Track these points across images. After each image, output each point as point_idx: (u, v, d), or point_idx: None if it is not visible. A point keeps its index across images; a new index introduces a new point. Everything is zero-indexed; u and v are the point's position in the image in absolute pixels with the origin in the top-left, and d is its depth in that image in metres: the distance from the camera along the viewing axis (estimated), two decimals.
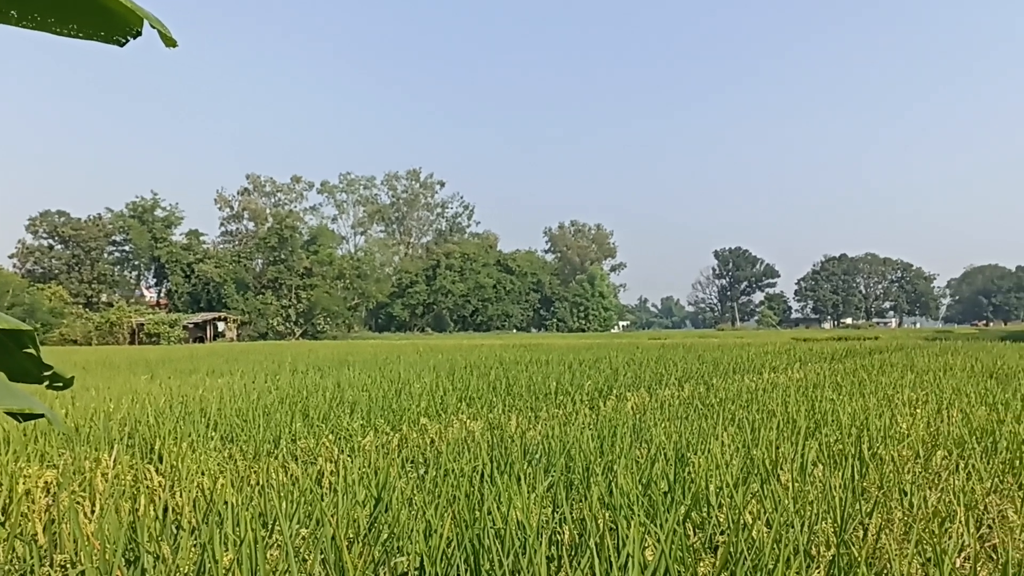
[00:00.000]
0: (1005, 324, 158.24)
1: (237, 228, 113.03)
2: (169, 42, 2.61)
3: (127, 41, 2.60)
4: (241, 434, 6.81)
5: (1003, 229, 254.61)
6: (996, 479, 4.60)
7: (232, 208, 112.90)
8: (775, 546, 3.00)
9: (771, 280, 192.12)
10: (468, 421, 7.69)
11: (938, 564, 2.85)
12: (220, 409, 8.39)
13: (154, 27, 2.55)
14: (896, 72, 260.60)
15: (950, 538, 3.41)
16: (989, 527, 3.71)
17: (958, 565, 3.02)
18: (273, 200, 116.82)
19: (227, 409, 8.42)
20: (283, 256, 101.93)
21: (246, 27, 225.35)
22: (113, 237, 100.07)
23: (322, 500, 4.25)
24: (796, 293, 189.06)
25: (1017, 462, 5.06)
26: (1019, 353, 20.43)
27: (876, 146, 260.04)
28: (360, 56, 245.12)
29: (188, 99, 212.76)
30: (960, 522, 3.62)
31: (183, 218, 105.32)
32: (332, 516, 3.75)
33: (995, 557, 3.11)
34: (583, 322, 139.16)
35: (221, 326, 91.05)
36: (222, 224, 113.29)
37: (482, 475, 4.63)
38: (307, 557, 3.25)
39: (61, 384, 2.02)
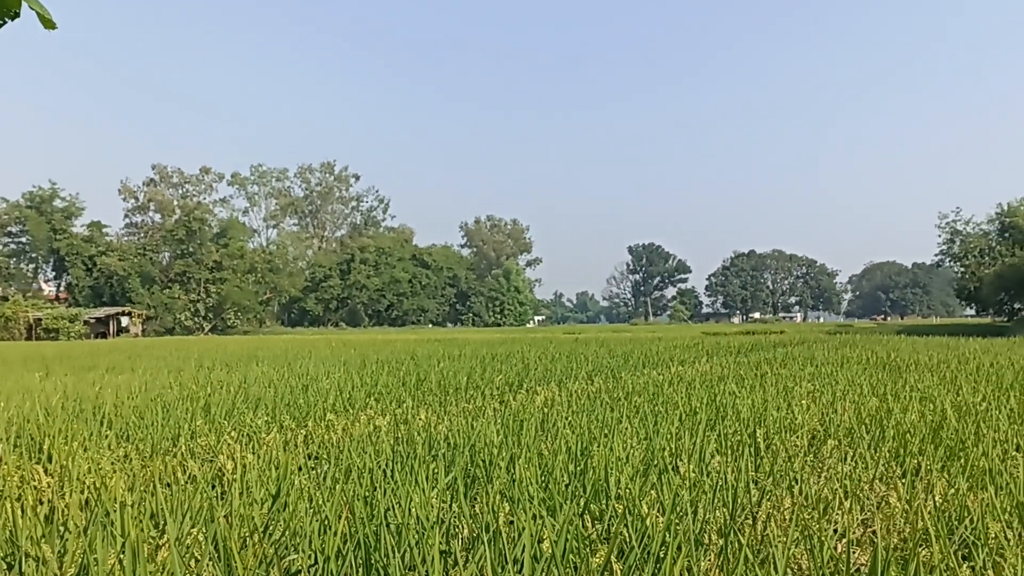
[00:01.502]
0: (902, 318, 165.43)
1: (142, 220, 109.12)
2: (48, 24, 2.51)
3: (4, 23, 2.48)
4: (137, 432, 6.60)
5: (900, 228, 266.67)
6: (882, 467, 4.80)
7: (137, 199, 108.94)
8: (667, 535, 3.06)
9: (683, 275, 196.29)
10: (376, 416, 7.62)
11: (819, 549, 2.96)
12: (116, 407, 8.11)
13: (32, 8, 2.44)
14: (812, 81, 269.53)
15: (832, 524, 3.54)
16: (872, 513, 3.87)
17: (839, 551, 3.14)
18: (181, 191, 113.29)
19: (124, 407, 8.15)
20: (191, 249, 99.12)
21: (150, 11, 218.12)
22: (8, 228, 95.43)
23: (220, 498, 4.16)
24: (707, 288, 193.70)
25: (902, 450, 5.29)
26: (912, 346, 21.37)
27: (785, 149, 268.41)
28: (273, 46, 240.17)
29: (89, 85, 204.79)
30: (839, 509, 3.77)
31: (84, 209, 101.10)
32: (227, 514, 3.67)
33: (875, 541, 3.24)
34: (499, 317, 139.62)
35: (125, 321, 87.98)
36: (126, 216, 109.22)
37: (384, 471, 4.60)
38: (199, 557, 3.17)
39: None
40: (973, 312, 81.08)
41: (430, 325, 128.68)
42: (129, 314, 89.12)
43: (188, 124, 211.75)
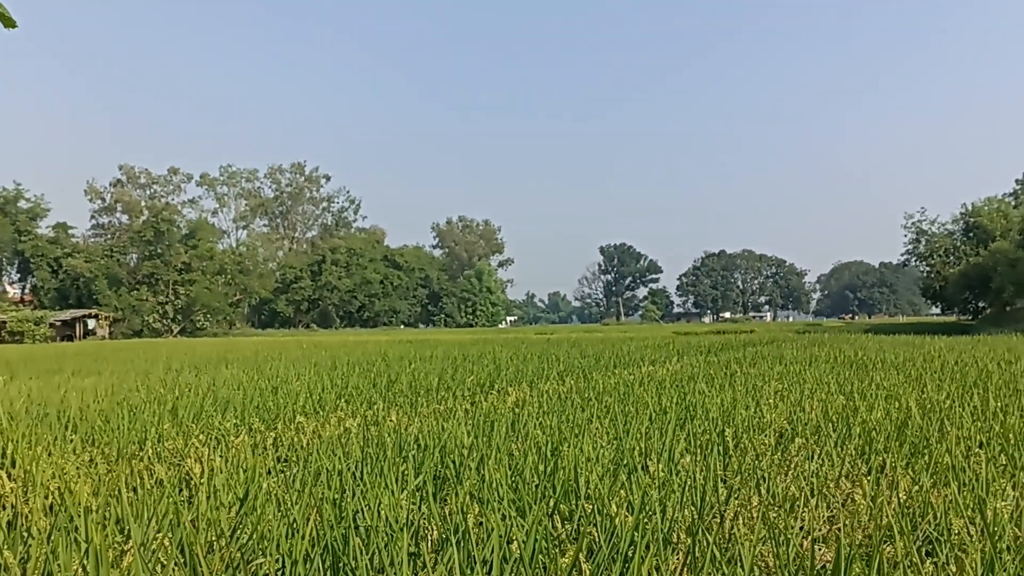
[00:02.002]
0: (869, 317, 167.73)
1: (109, 221, 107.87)
2: (8, 23, 2.47)
3: None
4: (103, 436, 6.51)
5: (868, 228, 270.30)
6: (848, 464, 4.86)
7: (104, 200, 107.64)
8: (636, 534, 3.08)
9: (654, 276, 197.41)
10: (346, 418, 7.59)
11: (785, 547, 3.00)
12: (82, 410, 8.01)
13: None
14: (781, 85, 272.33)
15: (798, 522, 3.58)
16: (837, 510, 3.91)
17: (804, 548, 3.18)
18: (148, 192, 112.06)
19: (90, 410, 8.05)
20: (159, 250, 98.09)
21: (115, 11, 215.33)
22: None
23: (188, 503, 4.12)
24: (678, 288, 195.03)
25: (867, 448, 5.35)
26: (879, 345, 21.64)
27: (755, 150, 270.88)
28: (242, 45, 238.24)
29: (55, 84, 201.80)
30: (806, 507, 3.81)
31: (49, 210, 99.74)
32: (194, 519, 3.64)
33: (840, 539, 3.28)
34: (471, 317, 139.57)
35: (92, 323, 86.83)
36: (93, 217, 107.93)
37: (354, 473, 4.58)
38: (164, 561, 3.13)
39: None
40: (939, 311, 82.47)
41: (402, 326, 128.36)
42: (96, 316, 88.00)
43: (156, 125, 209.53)
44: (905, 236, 71.53)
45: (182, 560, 3.09)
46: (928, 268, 70.05)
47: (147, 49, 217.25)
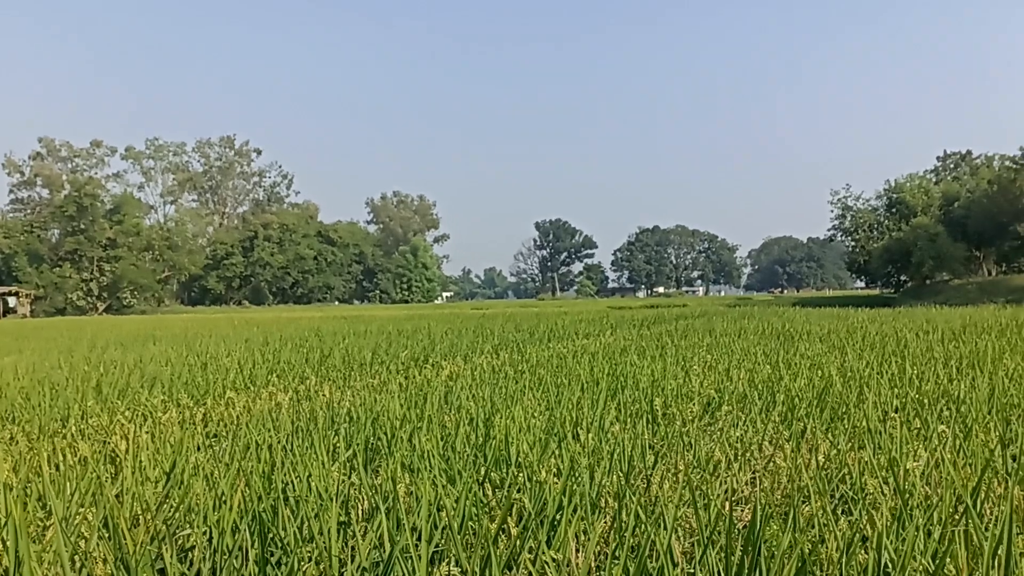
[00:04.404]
0: (797, 291, 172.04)
1: (29, 196, 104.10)
2: None
3: None
4: (24, 414, 6.34)
5: (796, 204, 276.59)
6: (771, 430, 5.00)
7: (23, 174, 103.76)
8: (563, 498, 3.13)
9: (589, 251, 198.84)
10: (277, 393, 7.52)
11: (706, 508, 3.09)
12: (1, 388, 7.77)
13: None
14: (714, 61, 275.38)
15: (721, 485, 3.69)
16: (759, 473, 4.03)
17: (726, 509, 3.27)
18: (70, 166, 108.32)
19: (10, 388, 7.81)
20: (83, 226, 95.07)
21: None
22: None
23: (114, 479, 4.05)
24: (613, 263, 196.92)
25: (790, 414, 5.52)
26: (805, 317, 22.22)
27: (688, 125, 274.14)
28: (167, 16, 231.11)
29: None
30: (729, 470, 3.93)
31: None
32: (118, 493, 3.58)
33: (757, 498, 3.38)
34: (406, 293, 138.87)
35: (12, 301, 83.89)
36: (11, 191, 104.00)
37: (284, 446, 4.55)
38: (87, 535, 3.08)
39: None
40: (863, 284, 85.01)
41: (336, 303, 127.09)
42: (16, 294, 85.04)
43: (76, 96, 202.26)
44: (831, 212, 73.52)
45: (106, 534, 3.04)
46: (853, 243, 72.07)
47: (67, 16, 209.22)
